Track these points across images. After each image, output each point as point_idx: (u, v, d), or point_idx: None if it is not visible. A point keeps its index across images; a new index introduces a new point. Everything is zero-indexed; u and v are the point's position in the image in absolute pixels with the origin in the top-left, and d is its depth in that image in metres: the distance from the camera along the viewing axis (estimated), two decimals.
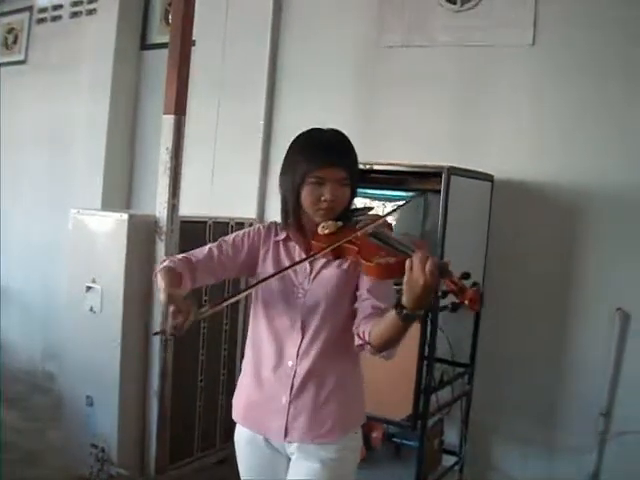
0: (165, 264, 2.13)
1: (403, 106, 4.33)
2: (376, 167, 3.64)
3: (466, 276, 1.79)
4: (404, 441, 4.04)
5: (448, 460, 4.03)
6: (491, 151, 4.06)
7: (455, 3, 4.17)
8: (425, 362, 3.47)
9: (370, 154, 3.91)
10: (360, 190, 3.59)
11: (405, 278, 1.75)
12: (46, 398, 5.08)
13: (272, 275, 2.09)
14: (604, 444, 3.83)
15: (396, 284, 1.92)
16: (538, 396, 4.00)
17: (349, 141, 2.17)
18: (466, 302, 1.71)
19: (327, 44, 4.61)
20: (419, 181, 3.64)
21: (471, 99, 4.16)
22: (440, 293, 1.75)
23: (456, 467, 4.03)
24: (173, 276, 2.06)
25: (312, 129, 2.19)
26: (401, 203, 2.16)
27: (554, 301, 3.97)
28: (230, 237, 2.27)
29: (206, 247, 2.24)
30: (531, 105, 4.00)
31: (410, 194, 3.65)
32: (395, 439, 4.11)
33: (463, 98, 4.18)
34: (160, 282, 2.03)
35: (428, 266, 1.70)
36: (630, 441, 3.72)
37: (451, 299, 1.74)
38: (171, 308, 1.85)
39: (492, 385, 4.07)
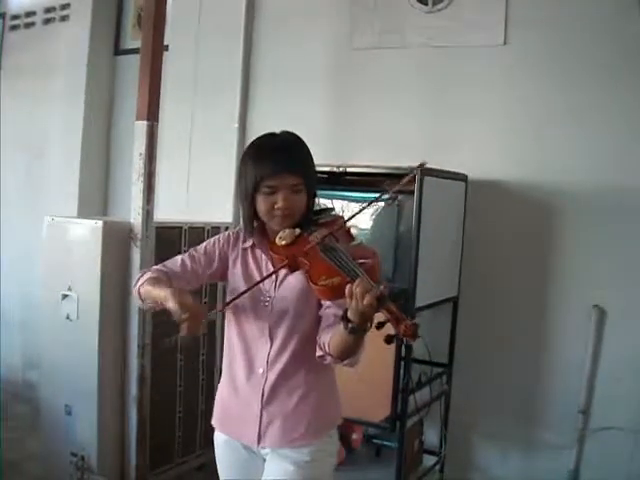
0: (147, 276, 2.13)
1: (376, 107, 4.35)
2: (349, 169, 3.65)
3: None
4: (384, 442, 4.06)
5: (429, 460, 4.04)
6: (464, 151, 4.07)
7: (426, 4, 4.18)
8: (403, 363, 3.47)
9: (343, 156, 3.95)
10: (334, 192, 3.67)
11: (347, 298, 1.77)
12: (26, 407, 5.04)
13: (257, 283, 2.09)
14: (583, 441, 3.86)
15: None
16: (517, 394, 4.02)
17: (302, 144, 2.16)
18: (400, 334, 1.70)
19: (299, 47, 4.61)
20: (393, 182, 3.63)
21: (443, 99, 4.18)
22: (377, 324, 1.75)
23: (436, 467, 4.04)
24: (164, 283, 2.06)
25: (264, 135, 2.17)
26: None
27: (531, 299, 4.00)
28: (201, 246, 2.27)
29: (178, 258, 2.25)
30: (503, 104, 4.02)
31: (385, 196, 3.65)
32: (375, 440, 4.13)
33: (435, 98, 4.20)
34: (155, 292, 2.02)
35: (367, 298, 1.70)
36: (609, 437, 3.76)
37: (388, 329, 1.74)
38: (185, 315, 1.86)
39: (471, 384, 4.09)
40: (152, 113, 3.71)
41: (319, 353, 2.03)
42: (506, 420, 4.06)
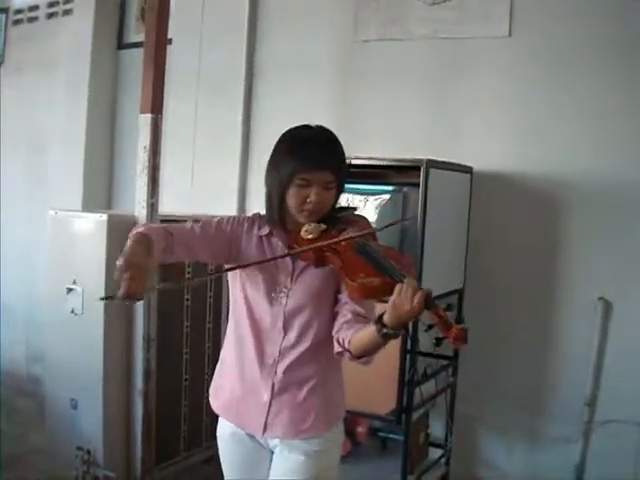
0: (140, 230, 2.02)
1: (380, 100, 4.34)
2: (354, 161, 3.63)
3: (448, 308, 1.80)
4: (390, 435, 4.05)
5: (434, 453, 4.03)
6: (469, 143, 4.06)
7: None
8: (408, 356, 3.46)
9: (348, 148, 3.88)
10: None
11: (391, 300, 1.76)
12: (31, 402, 5.04)
13: (246, 265, 2.09)
14: (589, 433, 3.85)
15: None
16: (523, 387, 4.01)
17: (337, 141, 2.16)
18: (450, 339, 1.72)
19: (303, 40, 4.60)
20: (398, 175, 3.63)
21: (448, 91, 4.17)
22: (425, 327, 1.76)
23: (442, 460, 4.04)
24: (143, 243, 1.92)
25: (301, 127, 2.16)
26: (393, 220, 2.13)
27: (537, 291, 3.99)
28: (214, 220, 2.24)
29: (188, 223, 2.21)
30: (508, 95, 4.00)
31: (389, 188, 3.64)
32: (381, 433, 4.13)
33: (440, 90, 4.18)
34: (127, 247, 1.91)
35: (417, 297, 1.72)
36: (614, 430, 3.74)
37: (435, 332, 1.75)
38: (126, 274, 1.76)
39: (476, 377, 4.07)
40: (156, 106, 3.69)
41: (338, 349, 2.03)
42: (512, 413, 4.05)
